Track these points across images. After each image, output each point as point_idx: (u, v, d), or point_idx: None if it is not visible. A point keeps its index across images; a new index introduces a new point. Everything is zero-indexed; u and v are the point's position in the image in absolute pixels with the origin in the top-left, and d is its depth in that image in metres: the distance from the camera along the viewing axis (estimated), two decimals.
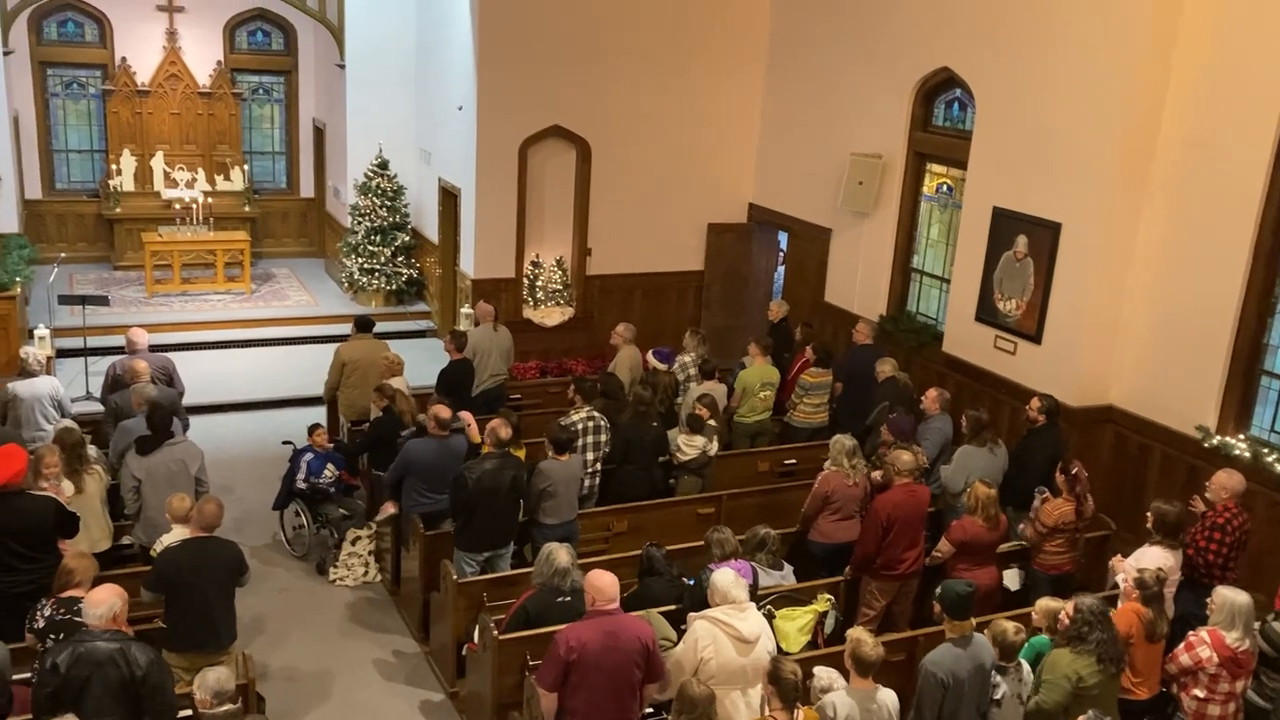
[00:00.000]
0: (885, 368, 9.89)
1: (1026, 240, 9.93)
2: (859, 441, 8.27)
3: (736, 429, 10.29)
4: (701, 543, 7.06)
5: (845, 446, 7.99)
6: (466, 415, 8.85)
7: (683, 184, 13.60)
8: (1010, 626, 5.86)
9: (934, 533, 7.87)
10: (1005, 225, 10.16)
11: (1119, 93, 9.08)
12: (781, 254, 14.43)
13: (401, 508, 8.35)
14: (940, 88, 11.20)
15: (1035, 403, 8.68)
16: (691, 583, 6.73)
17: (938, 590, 5.96)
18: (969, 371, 10.62)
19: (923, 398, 9.34)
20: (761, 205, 13.85)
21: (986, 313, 10.42)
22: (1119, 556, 7.29)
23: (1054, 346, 9.75)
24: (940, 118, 11.36)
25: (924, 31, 11.05)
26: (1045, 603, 6.46)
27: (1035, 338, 9.92)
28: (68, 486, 7.22)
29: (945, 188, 11.40)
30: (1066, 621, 5.90)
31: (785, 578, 7.30)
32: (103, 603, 5.25)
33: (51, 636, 5.64)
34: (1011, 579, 7.80)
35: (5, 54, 13.84)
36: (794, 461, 9.92)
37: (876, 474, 8.15)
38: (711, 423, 9.12)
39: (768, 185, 13.75)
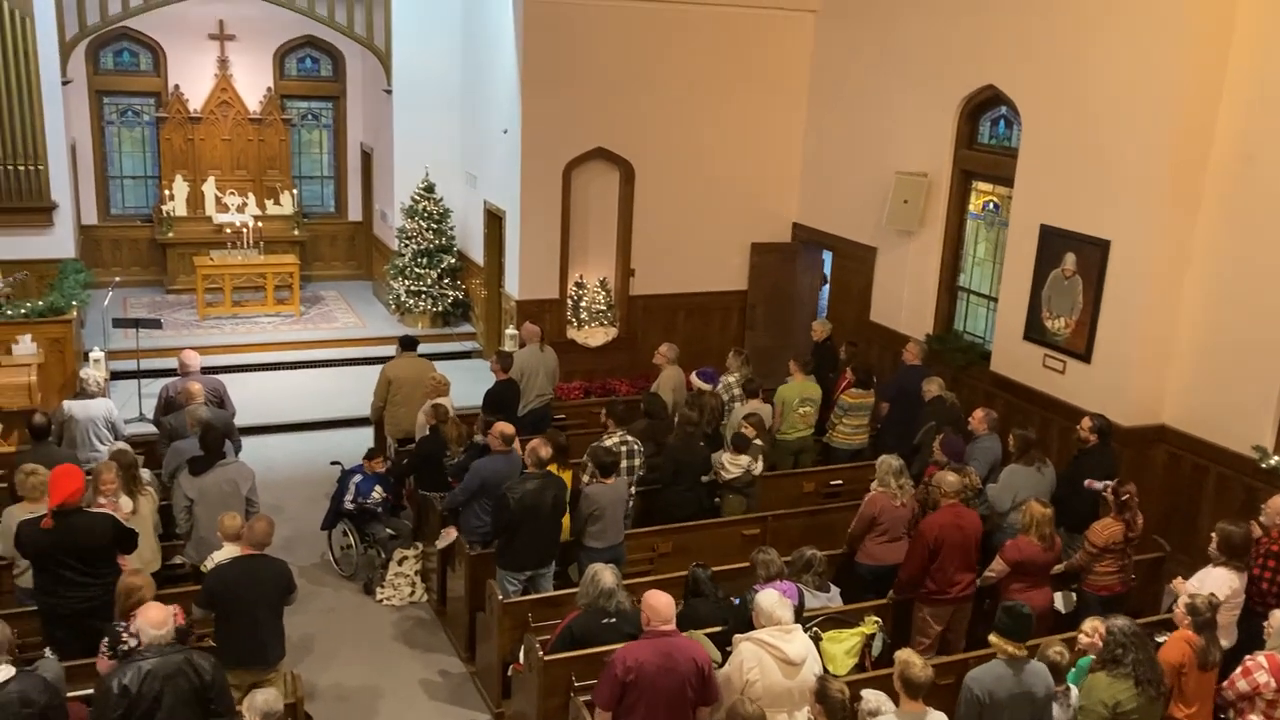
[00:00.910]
0: (932, 387, 9.80)
1: (1075, 258, 9.82)
2: (906, 462, 8.19)
3: (779, 447, 10.24)
4: (747, 564, 7.02)
5: (892, 467, 7.92)
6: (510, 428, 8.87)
7: (726, 204, 13.62)
8: (1057, 647, 5.76)
9: (983, 554, 7.76)
10: (1053, 243, 10.06)
11: (1170, 107, 8.97)
12: (826, 273, 14.39)
13: (461, 531, 8.33)
14: (985, 105, 11.14)
15: (1086, 422, 8.56)
16: (737, 604, 6.69)
17: (999, 611, 5.88)
18: (1017, 391, 10.49)
19: (970, 418, 9.24)
20: (806, 224, 13.82)
21: (1035, 331, 10.31)
22: (1180, 578, 7.15)
23: (1104, 365, 9.62)
24: (986, 135, 11.28)
25: (969, 49, 11.00)
26: (1094, 622, 6.31)
27: (1085, 356, 9.79)
28: (125, 503, 7.35)
29: (991, 205, 11.31)
30: (1099, 643, 5.79)
31: (832, 599, 7.24)
32: (164, 622, 5.35)
33: (112, 650, 5.72)
34: (1062, 601, 7.67)
35: (64, 84, 14.18)
36: (840, 482, 9.85)
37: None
38: (757, 442, 9.09)
39: (812, 204, 13.72)
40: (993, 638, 5.73)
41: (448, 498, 8.49)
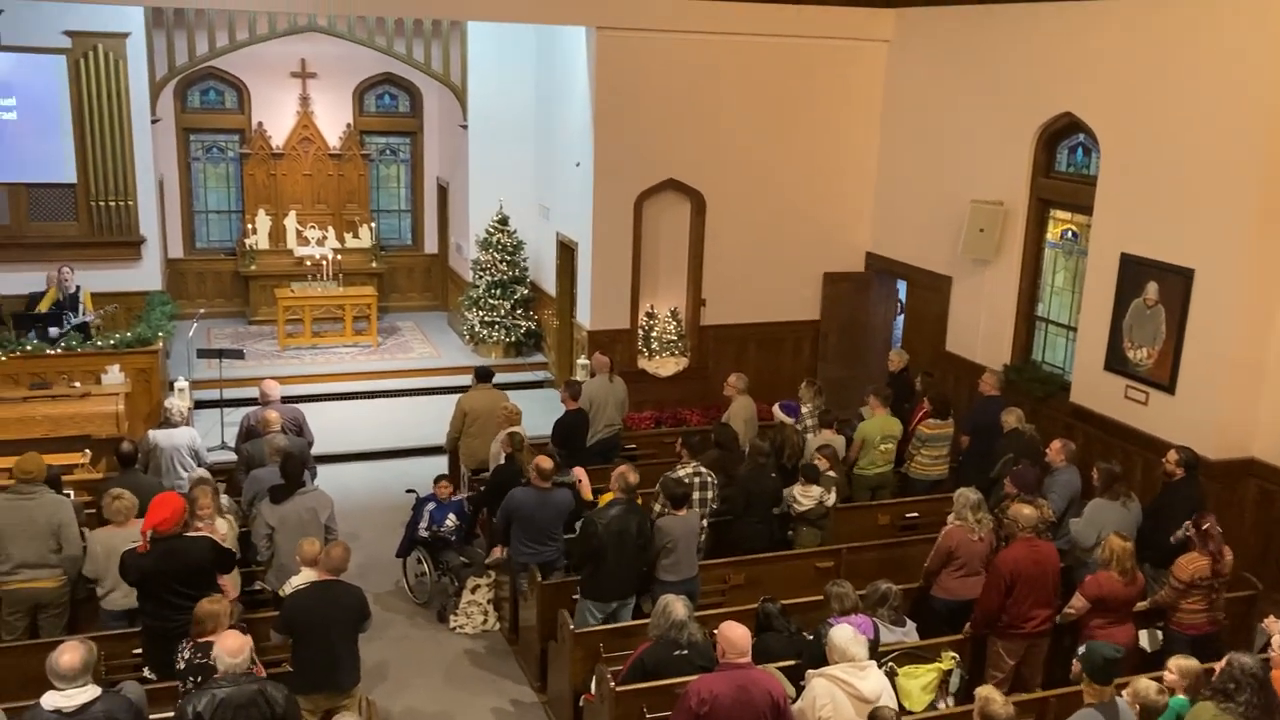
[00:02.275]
0: (1010, 419, 9.63)
1: (1157, 287, 9.61)
2: (984, 494, 8.05)
3: (857, 482, 10.12)
4: (820, 597, 6.95)
5: (969, 500, 7.78)
6: (579, 471, 8.93)
7: (798, 233, 13.58)
8: (1153, 686, 5.57)
9: (1064, 589, 7.57)
10: (1134, 272, 9.85)
11: (1256, 129, 8.75)
12: (900, 303, 14.25)
13: (509, 554, 8.44)
14: (1063, 133, 10.98)
15: (1173, 455, 8.33)
16: (811, 638, 6.61)
17: (1081, 650, 5.72)
18: (1098, 422, 10.26)
19: (1047, 449, 9.05)
20: (879, 254, 13.72)
21: (1116, 361, 10.08)
22: (1272, 617, 6.88)
23: (1190, 396, 9.36)
24: (1063, 163, 11.12)
25: (1045, 77, 10.87)
26: (1181, 661, 5.98)
27: (1169, 387, 9.55)
28: (221, 525, 7.53)
29: (1070, 234, 11.12)
30: (1183, 684, 5.61)
31: (908, 634, 7.12)
32: (240, 650, 5.44)
33: (190, 679, 5.85)
34: (1147, 639, 7.44)
35: (153, 122, 14.69)
36: (916, 515, 9.70)
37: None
38: (830, 474, 9.00)
39: (885, 233, 13.63)
40: (1084, 689, 5.55)
41: (495, 521, 8.61)
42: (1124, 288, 9.97)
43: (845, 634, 5.79)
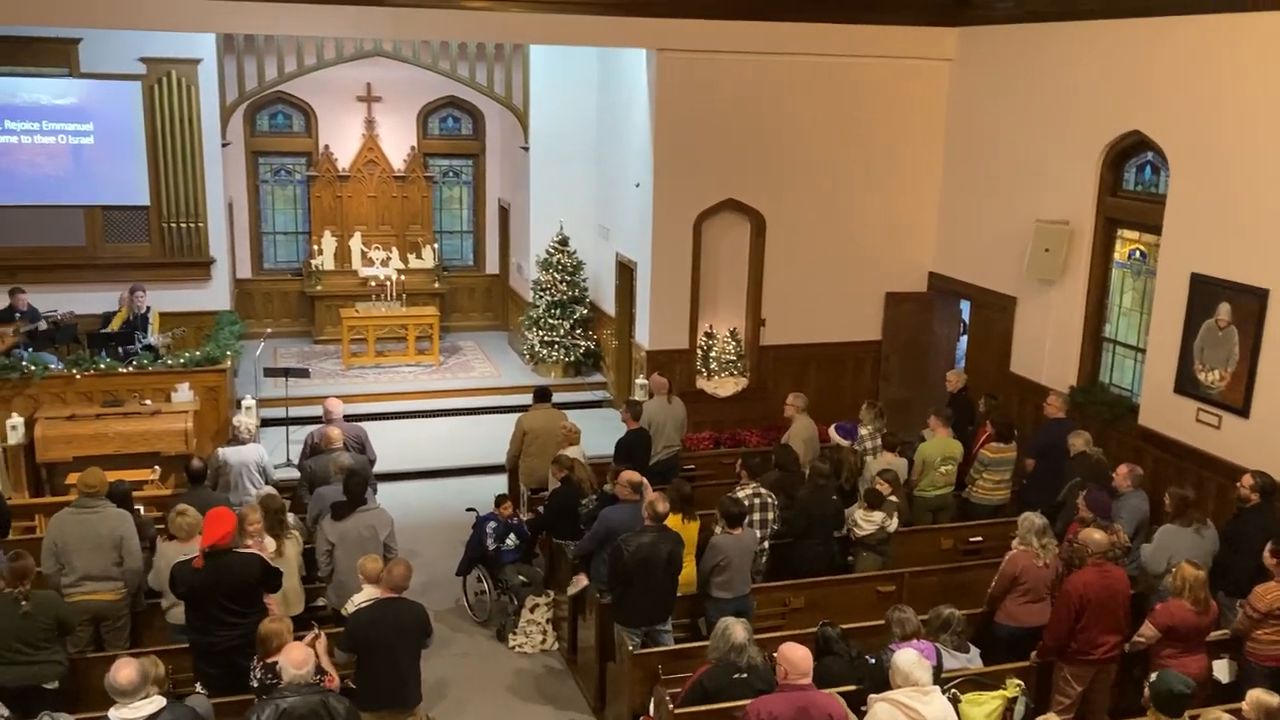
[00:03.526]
0: (1077, 442, 9.45)
1: (1229, 308, 9.38)
2: (1050, 519, 7.90)
3: (917, 504, 9.99)
4: (881, 621, 6.86)
5: (1035, 525, 7.64)
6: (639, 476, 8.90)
7: (859, 253, 13.50)
8: (1226, 718, 5.41)
9: (1134, 617, 7.40)
10: (1205, 292, 9.63)
11: None
12: (964, 323, 14.08)
13: (593, 572, 8.38)
14: (1130, 151, 10.79)
15: (1248, 480, 8.11)
16: (873, 662, 6.53)
17: (1151, 678, 5.58)
18: (1168, 446, 10.02)
19: (1114, 474, 8.86)
20: (942, 273, 13.58)
21: (1187, 384, 9.85)
22: None
23: (1265, 420, 9.11)
24: (1131, 182, 10.92)
25: (1112, 94, 10.71)
26: (1259, 695, 5.78)
27: (1242, 410, 9.30)
28: (270, 543, 7.63)
29: (1138, 254, 10.92)
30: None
31: (971, 660, 7.00)
32: (305, 661, 5.52)
33: (263, 697, 5.94)
34: (1222, 670, 7.23)
35: (224, 145, 15.05)
36: (980, 539, 9.55)
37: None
38: (892, 498, 8.89)
39: (948, 253, 13.49)
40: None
41: (577, 545, 8.56)
42: (1195, 309, 9.75)
43: (909, 658, 5.71)
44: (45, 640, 6.67)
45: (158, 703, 5.35)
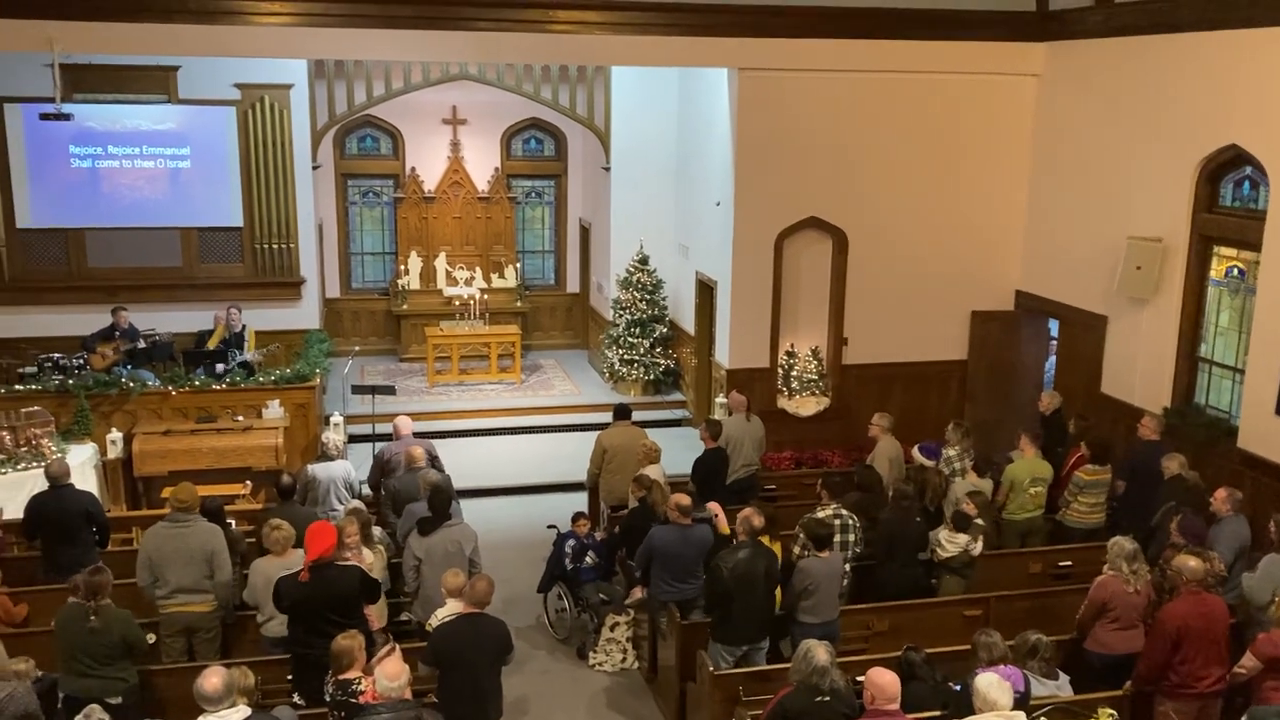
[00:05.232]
0: (1172, 465, 9.17)
1: None
2: (1143, 544, 7.67)
3: (1005, 527, 9.79)
4: (966, 646, 6.72)
5: (1125, 550, 7.42)
6: (714, 506, 8.89)
7: (944, 271, 13.31)
8: None
9: (1236, 647, 7.14)
10: None
11: None
12: (1053, 343, 13.78)
13: (649, 593, 8.43)
14: (1227, 166, 10.48)
15: None
16: (957, 689, 6.40)
17: (1248, 714, 5.38)
18: (1269, 470, 9.67)
19: (1212, 498, 8.58)
20: (1030, 291, 13.32)
21: None
22: None
23: None
24: (1228, 198, 10.60)
25: (1207, 108, 10.42)
26: None
27: None
28: (367, 555, 7.77)
29: (1236, 271, 10.58)
30: None
31: (1060, 688, 6.82)
32: (399, 675, 5.60)
33: (337, 713, 6.03)
34: None
35: (314, 168, 15.45)
36: (1069, 563, 9.31)
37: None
38: (979, 521, 8.72)
39: (1036, 271, 13.23)
40: None
41: (635, 561, 8.60)
42: None
43: (990, 681, 5.63)
44: (109, 656, 6.80)
45: (243, 712, 5.47)
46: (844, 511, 8.50)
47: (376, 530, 8.64)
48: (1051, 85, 12.84)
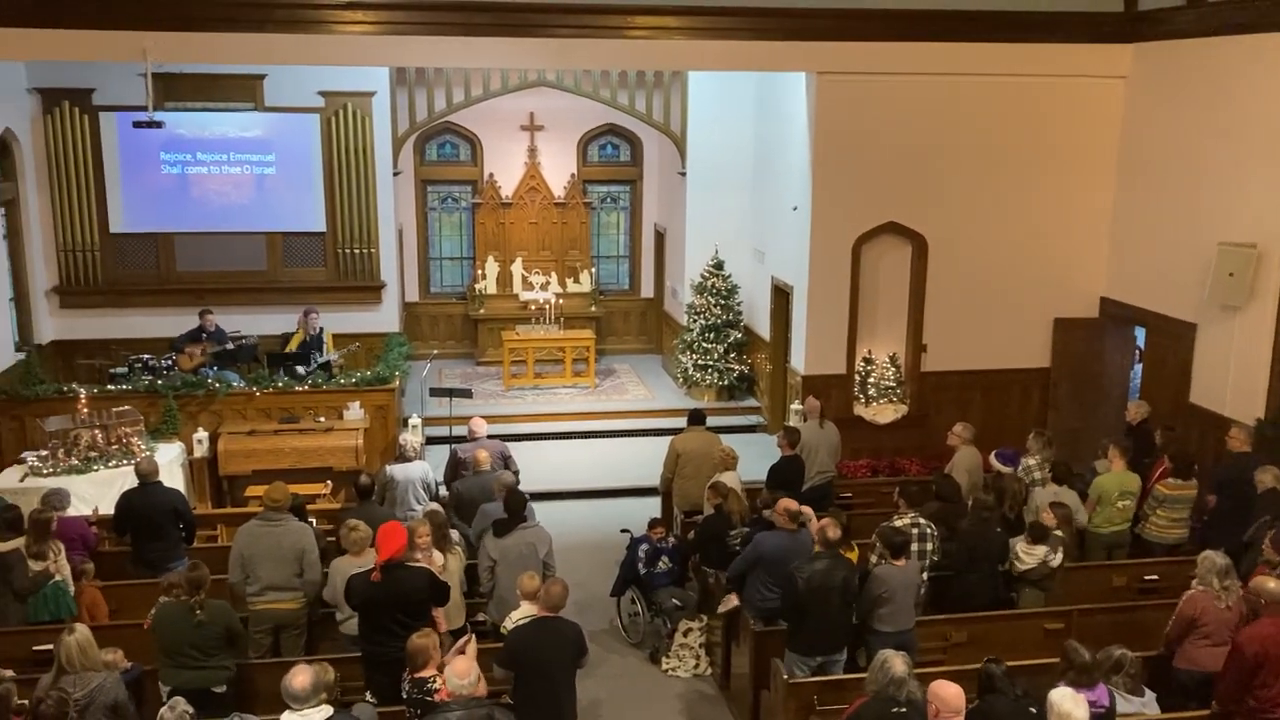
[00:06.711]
0: (1266, 478, 8.86)
1: None
2: (1235, 560, 7.42)
3: (1090, 540, 9.54)
4: (1049, 660, 6.57)
5: (1216, 565, 7.20)
6: (808, 510, 8.79)
7: (1025, 277, 13.05)
8: None
9: None
10: None
11: None
12: (1139, 351, 13.43)
13: (744, 601, 8.34)
14: None
15: None
16: (1034, 712, 6.25)
17: None
18: None
19: None
20: (1115, 299, 13.00)
21: None
22: None
23: None
24: None
25: None
26: None
27: None
28: (438, 557, 7.85)
29: None
30: None
31: (1146, 705, 6.63)
32: (469, 673, 5.65)
33: (413, 710, 6.11)
34: None
35: (395, 174, 15.71)
36: (1155, 577, 9.06)
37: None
38: (1058, 533, 8.52)
39: (1122, 278, 12.91)
40: None
41: (731, 566, 8.52)
42: None
43: (1064, 694, 5.51)
44: (215, 647, 7.00)
45: (325, 711, 5.56)
46: (921, 520, 8.37)
47: (454, 532, 8.72)
48: (1139, 87, 12.53)
